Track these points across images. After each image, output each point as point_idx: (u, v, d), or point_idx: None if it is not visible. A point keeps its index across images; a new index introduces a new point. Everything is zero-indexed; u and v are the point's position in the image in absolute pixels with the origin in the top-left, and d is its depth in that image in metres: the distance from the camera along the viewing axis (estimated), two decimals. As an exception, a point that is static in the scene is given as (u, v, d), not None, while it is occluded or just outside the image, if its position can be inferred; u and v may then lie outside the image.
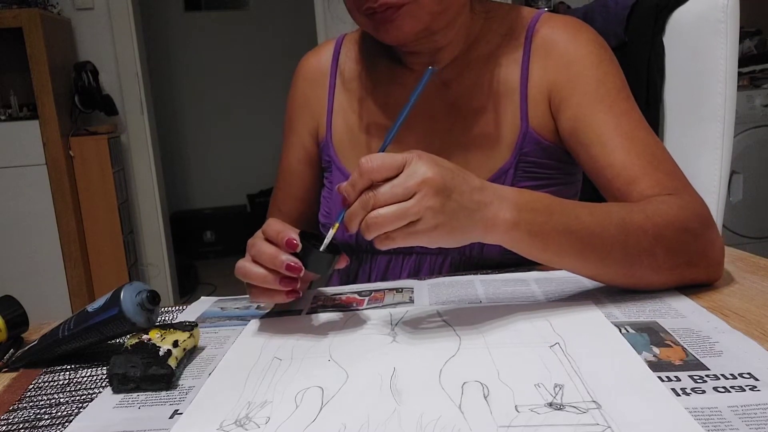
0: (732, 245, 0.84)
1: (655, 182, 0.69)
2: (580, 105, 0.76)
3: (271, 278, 0.61)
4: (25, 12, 2.62)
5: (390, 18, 0.72)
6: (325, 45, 0.94)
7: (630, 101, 0.76)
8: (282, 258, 0.60)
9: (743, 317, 0.59)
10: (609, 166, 0.72)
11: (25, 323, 0.69)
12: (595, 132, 0.74)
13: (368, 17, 0.74)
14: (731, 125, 0.95)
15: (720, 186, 0.96)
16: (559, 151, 0.81)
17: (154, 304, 0.59)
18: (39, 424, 0.51)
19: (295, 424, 0.45)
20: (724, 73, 0.93)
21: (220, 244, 4.32)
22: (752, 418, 0.41)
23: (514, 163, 0.80)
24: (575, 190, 0.88)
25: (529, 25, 0.82)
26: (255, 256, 0.62)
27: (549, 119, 0.80)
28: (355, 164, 0.84)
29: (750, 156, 2.64)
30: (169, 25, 4.35)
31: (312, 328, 0.65)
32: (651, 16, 1.08)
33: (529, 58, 0.81)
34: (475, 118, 0.82)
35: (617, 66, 0.79)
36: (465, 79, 0.83)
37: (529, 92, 0.80)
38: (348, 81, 0.90)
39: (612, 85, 0.76)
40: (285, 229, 0.61)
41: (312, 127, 0.92)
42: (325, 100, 0.91)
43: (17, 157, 2.71)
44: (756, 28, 3.04)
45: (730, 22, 0.92)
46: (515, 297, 0.69)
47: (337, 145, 0.89)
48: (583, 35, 0.80)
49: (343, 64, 0.91)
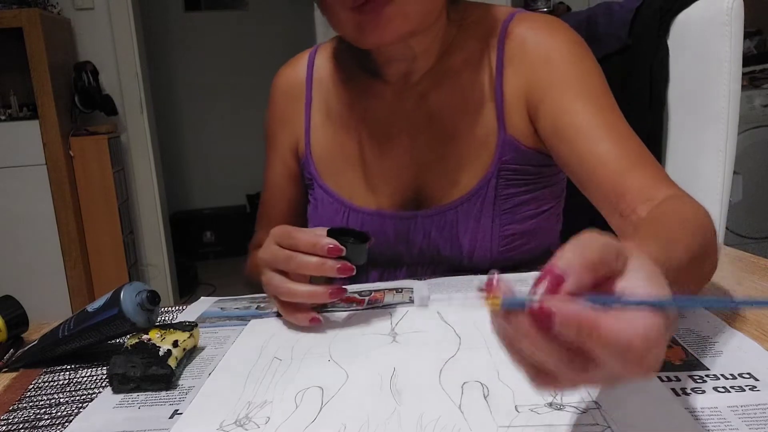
0: (732, 245, 0.84)
1: (646, 175, 0.67)
2: (559, 101, 0.74)
3: (322, 291, 0.62)
4: (25, 12, 2.62)
5: (378, 12, 0.68)
6: (299, 58, 0.92)
7: (609, 98, 0.74)
8: (330, 264, 0.60)
9: (743, 317, 0.59)
10: (595, 156, 0.69)
11: (25, 323, 0.69)
12: (577, 125, 0.72)
13: (355, 11, 0.69)
14: (735, 127, 0.95)
15: (723, 188, 0.96)
16: (539, 155, 0.79)
17: (154, 304, 0.59)
18: (39, 424, 0.51)
19: (295, 424, 0.45)
20: (728, 76, 0.93)
21: (219, 245, 4.32)
22: (752, 418, 0.41)
23: (495, 172, 0.79)
24: (558, 191, 0.86)
25: (502, 28, 0.79)
26: (297, 269, 0.62)
27: (527, 124, 0.78)
28: (337, 182, 0.85)
29: (750, 156, 2.64)
30: (169, 25, 4.35)
31: (312, 328, 0.65)
32: (655, 19, 1.08)
33: (503, 63, 0.78)
34: (454, 129, 0.80)
35: (597, 65, 0.77)
36: (442, 89, 0.81)
37: (505, 98, 0.78)
38: (324, 95, 0.88)
39: (591, 82, 0.74)
40: (317, 238, 0.61)
41: (292, 144, 0.90)
42: (303, 115, 0.89)
43: (17, 157, 2.71)
44: (756, 28, 3.04)
45: (735, 25, 0.92)
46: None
47: (317, 162, 0.87)
48: (560, 33, 0.77)
49: (318, 78, 0.89)
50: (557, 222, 0.88)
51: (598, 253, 0.34)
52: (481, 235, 0.80)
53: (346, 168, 0.85)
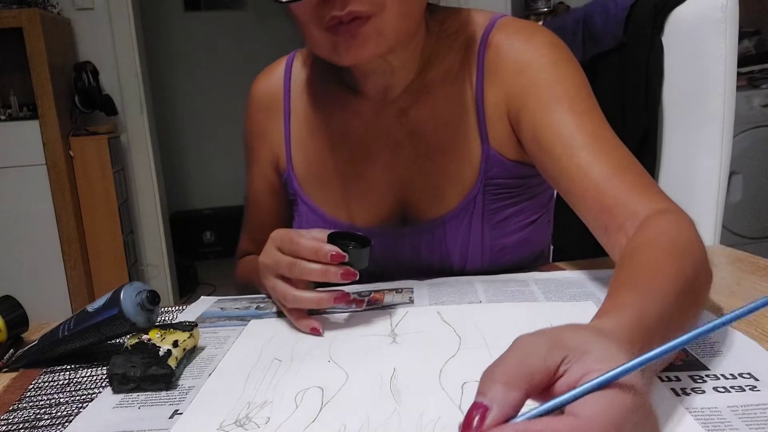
0: (732, 245, 0.84)
1: (629, 184, 0.63)
2: (536, 110, 0.72)
3: (327, 297, 0.63)
4: (25, 12, 2.62)
5: (353, 33, 0.65)
6: (275, 67, 0.89)
7: (591, 101, 0.71)
8: (333, 271, 0.61)
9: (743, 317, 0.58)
10: (575, 166, 0.67)
11: (25, 323, 0.69)
12: (556, 133, 0.69)
13: (330, 31, 0.66)
14: (731, 125, 0.95)
15: (719, 186, 0.96)
16: (524, 167, 0.77)
17: (154, 304, 0.59)
18: (39, 424, 0.51)
19: (295, 425, 0.45)
20: (723, 74, 0.93)
21: (219, 245, 4.32)
22: (752, 418, 0.41)
23: (481, 189, 0.77)
24: (546, 200, 0.84)
25: (482, 37, 0.77)
26: (301, 276, 0.62)
27: (510, 136, 0.76)
28: (321, 198, 0.83)
29: (749, 156, 2.64)
30: (169, 25, 4.35)
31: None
32: (650, 16, 1.08)
33: (483, 75, 0.76)
34: (437, 144, 0.78)
35: (576, 66, 0.74)
36: (422, 104, 0.78)
37: (486, 111, 0.76)
38: (302, 109, 0.85)
39: (570, 84, 0.71)
40: (319, 245, 0.61)
41: (272, 159, 0.88)
42: (281, 129, 0.86)
43: (17, 157, 2.71)
44: (755, 28, 3.04)
45: (730, 22, 0.91)
46: (515, 297, 0.69)
47: (300, 178, 0.85)
48: (537, 39, 0.75)
49: (296, 90, 0.86)
50: (548, 227, 0.88)
51: (528, 368, 0.33)
52: (472, 249, 0.79)
53: (330, 184, 0.83)
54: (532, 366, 0.33)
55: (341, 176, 0.82)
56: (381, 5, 0.65)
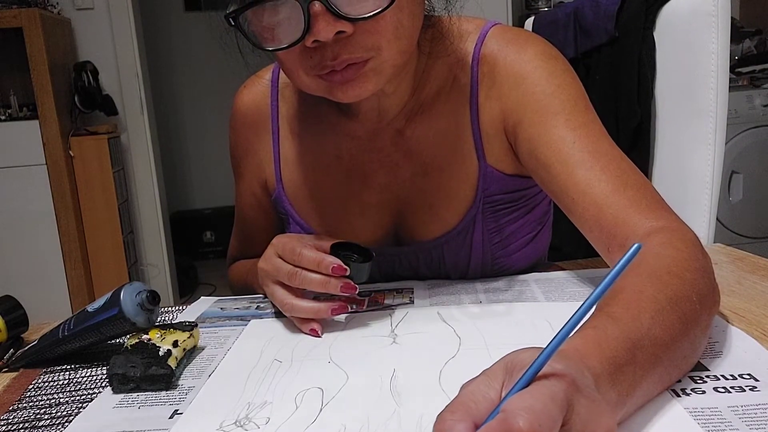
0: (732, 245, 0.84)
1: (628, 201, 0.62)
2: (533, 124, 0.70)
3: (324, 308, 0.63)
4: (25, 12, 2.62)
5: (350, 78, 0.61)
6: (260, 80, 0.84)
7: (589, 112, 0.69)
8: (333, 283, 0.62)
9: (743, 317, 0.59)
10: (573, 185, 0.65)
11: (25, 323, 0.69)
12: (553, 149, 0.67)
13: (321, 78, 0.62)
14: (723, 120, 0.93)
15: (713, 181, 0.95)
16: (521, 179, 0.76)
17: (154, 304, 0.59)
18: (39, 424, 0.51)
19: (295, 425, 0.45)
20: (715, 68, 0.92)
21: (220, 245, 4.32)
22: (752, 418, 0.41)
23: (480, 207, 0.75)
24: (545, 208, 0.82)
25: (474, 51, 0.74)
26: (301, 285, 0.63)
27: (507, 151, 0.74)
28: (315, 219, 0.81)
29: (750, 156, 2.64)
30: (169, 25, 4.35)
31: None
32: (641, 10, 1.07)
33: (477, 89, 0.74)
34: (433, 162, 0.76)
35: (572, 75, 0.72)
36: (417, 123, 0.75)
37: (481, 126, 0.74)
38: (292, 126, 0.81)
39: (566, 96, 0.69)
40: (321, 257, 0.61)
41: (260, 177, 0.85)
42: (270, 147, 0.82)
43: (17, 157, 2.71)
44: (756, 28, 3.04)
45: (722, 16, 0.90)
46: (515, 297, 0.69)
47: (292, 199, 0.82)
48: (530, 49, 0.72)
49: (283, 105, 0.82)
50: (547, 236, 0.86)
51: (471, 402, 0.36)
52: (473, 268, 0.78)
53: (324, 206, 0.80)
54: (475, 401, 0.36)
55: (336, 197, 0.79)
56: (377, 48, 0.60)
